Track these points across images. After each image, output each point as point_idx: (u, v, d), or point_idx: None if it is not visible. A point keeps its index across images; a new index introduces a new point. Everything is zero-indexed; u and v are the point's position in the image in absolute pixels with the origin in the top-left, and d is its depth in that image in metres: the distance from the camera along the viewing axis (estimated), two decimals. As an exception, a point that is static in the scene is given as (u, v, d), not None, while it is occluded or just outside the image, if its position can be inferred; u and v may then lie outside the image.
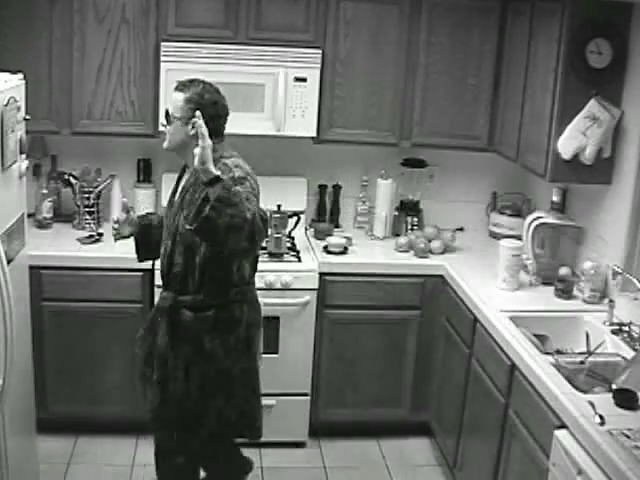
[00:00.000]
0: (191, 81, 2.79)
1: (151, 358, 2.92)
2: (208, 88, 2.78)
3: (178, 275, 2.84)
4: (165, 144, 2.86)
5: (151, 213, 3.28)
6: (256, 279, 3.02)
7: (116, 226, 3.07)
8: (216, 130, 2.75)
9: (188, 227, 2.65)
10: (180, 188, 2.90)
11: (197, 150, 2.48)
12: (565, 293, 3.43)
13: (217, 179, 2.48)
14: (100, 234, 3.90)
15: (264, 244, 3.72)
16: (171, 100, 2.80)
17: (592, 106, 3.26)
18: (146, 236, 3.09)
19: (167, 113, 2.80)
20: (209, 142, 2.49)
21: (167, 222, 2.91)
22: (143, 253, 3.15)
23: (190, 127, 2.68)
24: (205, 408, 2.88)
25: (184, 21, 3.72)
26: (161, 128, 2.79)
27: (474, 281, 3.58)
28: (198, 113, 2.56)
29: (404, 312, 3.88)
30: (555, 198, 3.77)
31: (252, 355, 2.97)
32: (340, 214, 4.32)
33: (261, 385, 3.07)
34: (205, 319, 2.83)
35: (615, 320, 3.13)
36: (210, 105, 2.75)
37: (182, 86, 2.78)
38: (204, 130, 2.50)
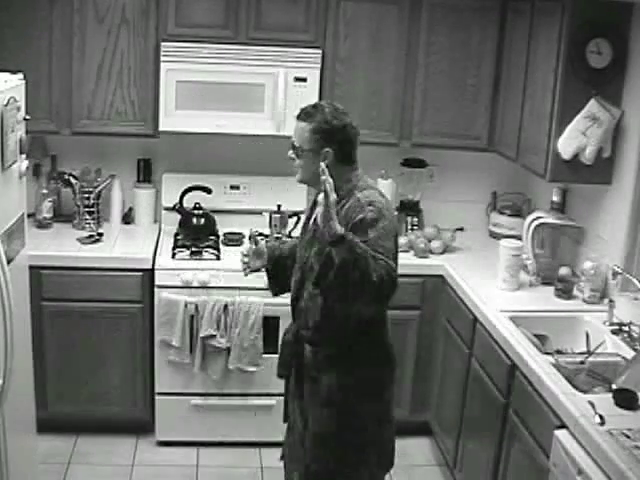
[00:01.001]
0: (314, 107, 2.56)
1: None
2: (334, 112, 2.53)
3: (303, 309, 2.64)
4: (298, 177, 2.62)
5: (281, 240, 3.03)
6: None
7: (246, 260, 2.84)
8: (347, 156, 2.56)
9: (313, 291, 2.54)
10: (313, 218, 2.64)
11: (319, 209, 2.27)
12: (565, 293, 3.43)
13: (342, 238, 2.26)
14: (100, 234, 3.90)
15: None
16: (295, 130, 2.57)
17: (592, 106, 3.27)
18: (278, 267, 2.85)
19: (294, 146, 2.56)
20: (334, 198, 2.26)
21: (299, 252, 2.70)
22: (276, 286, 2.90)
23: (322, 157, 2.48)
24: (320, 461, 2.64)
25: (184, 21, 3.72)
26: (290, 158, 2.60)
27: (474, 281, 3.58)
28: (323, 165, 2.31)
29: (404, 312, 3.86)
30: (555, 198, 3.77)
31: (381, 403, 2.68)
32: (340, 214, 4.32)
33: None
34: (321, 354, 2.60)
35: (615, 320, 3.13)
36: (339, 131, 2.52)
37: (305, 115, 2.54)
38: (329, 186, 2.25)
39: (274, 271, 2.86)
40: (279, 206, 3.87)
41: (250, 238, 2.85)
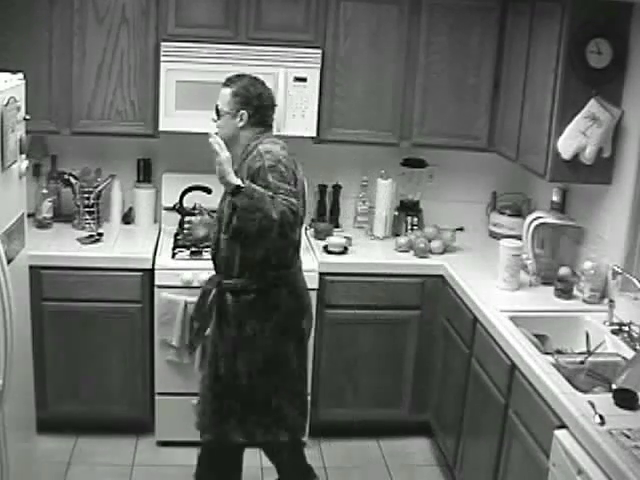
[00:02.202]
0: (238, 76, 2.97)
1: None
2: (253, 81, 2.95)
3: (223, 260, 2.94)
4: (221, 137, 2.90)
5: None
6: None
7: (195, 225, 3.29)
8: (262, 120, 2.94)
9: (224, 237, 2.90)
10: None
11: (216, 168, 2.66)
12: (565, 293, 3.43)
13: (238, 188, 2.64)
14: (100, 234, 3.90)
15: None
16: (220, 95, 2.94)
17: (592, 106, 3.27)
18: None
19: (217, 108, 2.94)
20: (226, 155, 2.67)
21: (218, 210, 3.02)
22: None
23: (238, 120, 2.90)
24: (253, 395, 2.95)
25: (184, 21, 3.72)
26: (211, 123, 2.95)
27: (474, 281, 3.58)
28: (212, 132, 2.76)
29: (404, 312, 3.88)
30: (555, 198, 3.77)
31: (292, 344, 2.98)
32: (340, 214, 4.32)
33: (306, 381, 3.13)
34: (244, 303, 2.91)
35: (615, 320, 3.13)
36: (255, 97, 2.92)
37: (229, 81, 2.95)
38: (217, 146, 2.68)
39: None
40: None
41: (199, 208, 3.25)
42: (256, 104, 2.92)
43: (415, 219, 4.23)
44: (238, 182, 2.66)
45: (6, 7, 3.55)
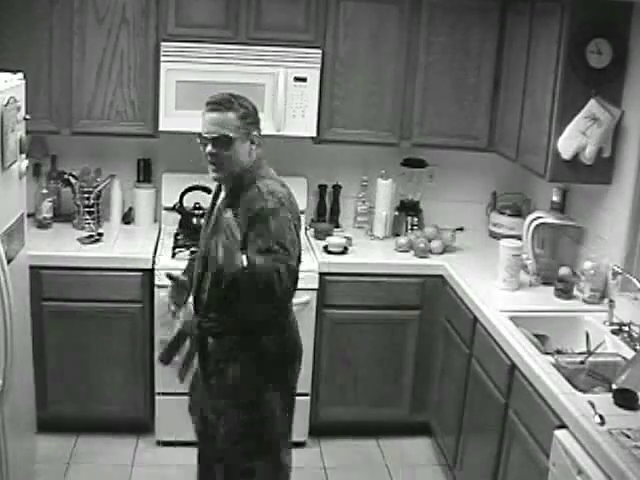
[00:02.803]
0: (231, 95, 2.63)
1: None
2: (245, 98, 2.66)
3: (204, 301, 2.67)
4: (224, 172, 2.63)
5: (192, 259, 2.99)
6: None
7: (172, 307, 2.79)
8: (258, 138, 2.67)
9: (209, 279, 2.62)
10: (215, 210, 2.75)
11: (220, 247, 2.40)
12: (565, 293, 3.43)
13: (244, 269, 2.39)
14: (100, 234, 3.90)
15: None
16: (216, 122, 2.60)
17: (592, 106, 3.26)
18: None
19: (217, 138, 2.59)
20: (237, 239, 2.40)
21: (201, 242, 2.76)
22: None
23: (249, 143, 2.61)
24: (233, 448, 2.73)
25: (184, 21, 3.72)
26: (209, 156, 2.64)
27: (474, 281, 3.58)
28: (229, 213, 2.44)
29: (404, 312, 3.88)
30: (555, 198, 3.77)
31: (285, 393, 2.74)
32: (340, 214, 4.32)
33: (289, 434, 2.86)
34: (226, 346, 2.65)
35: (615, 320, 3.13)
36: (255, 115, 2.65)
37: (228, 104, 2.60)
38: (233, 229, 2.39)
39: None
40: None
41: (169, 277, 2.79)
42: (255, 120, 2.65)
43: (415, 219, 4.23)
44: (244, 263, 2.39)
45: (6, 7, 3.55)
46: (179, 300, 2.79)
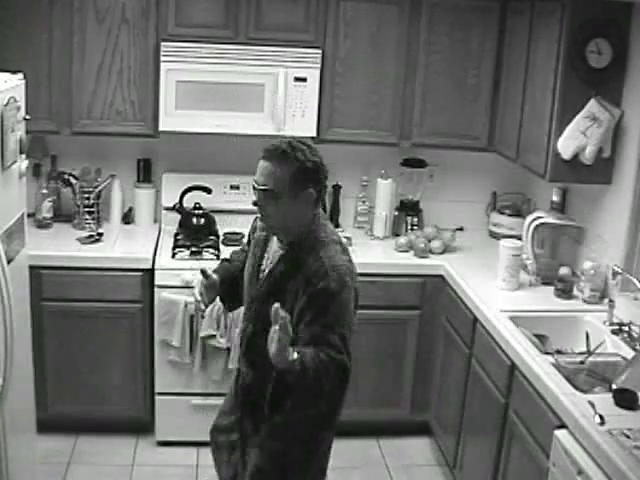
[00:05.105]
0: (289, 144, 2.33)
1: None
2: (311, 150, 2.35)
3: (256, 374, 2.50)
4: (266, 225, 2.45)
5: (226, 259, 2.86)
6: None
7: (202, 306, 2.64)
8: (322, 199, 2.41)
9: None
10: (267, 264, 2.50)
11: (274, 338, 2.14)
12: (565, 293, 3.43)
13: (293, 363, 2.17)
14: (100, 234, 3.90)
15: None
16: (266, 174, 2.32)
17: (592, 106, 3.27)
18: (231, 289, 2.69)
19: (266, 190, 2.32)
20: (290, 335, 2.14)
21: (247, 298, 2.54)
22: (230, 303, 2.80)
23: (304, 202, 2.33)
24: None
25: (184, 21, 3.72)
26: (259, 205, 2.38)
27: (474, 281, 3.58)
28: (277, 306, 2.13)
29: (404, 312, 3.88)
30: (555, 198, 3.77)
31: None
32: (340, 214, 4.32)
33: None
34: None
35: (615, 320, 3.13)
36: (321, 169, 2.35)
37: (283, 154, 2.31)
38: (286, 327, 2.13)
39: (227, 294, 2.72)
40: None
41: (203, 273, 2.60)
42: (321, 178, 2.34)
43: (415, 219, 4.23)
44: (295, 357, 2.16)
45: (6, 7, 3.55)
46: (206, 299, 2.63)
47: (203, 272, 2.59)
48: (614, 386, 2.58)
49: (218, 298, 2.70)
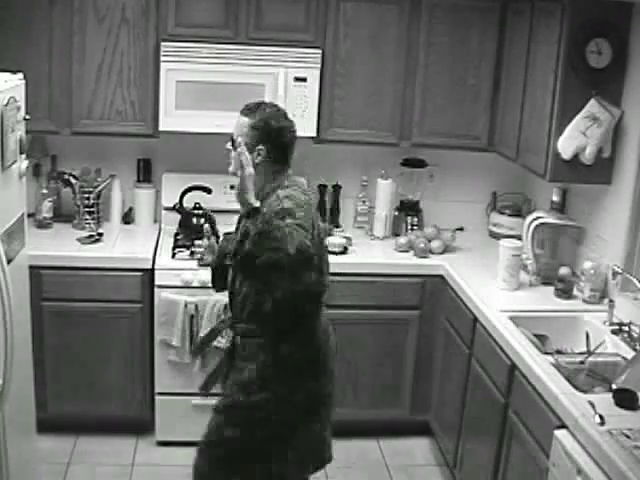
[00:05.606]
0: (258, 105, 2.65)
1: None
2: (274, 113, 2.63)
3: (238, 304, 2.70)
4: (231, 168, 2.67)
5: (228, 233, 2.98)
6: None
7: (203, 250, 2.97)
8: (280, 158, 2.64)
9: (228, 262, 2.67)
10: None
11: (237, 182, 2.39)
12: (565, 293, 3.44)
13: (256, 210, 2.33)
14: (100, 234, 3.90)
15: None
16: (236, 124, 2.65)
17: (592, 106, 3.27)
18: (224, 266, 2.84)
19: (232, 139, 2.64)
20: (250, 171, 2.36)
21: (232, 248, 2.72)
22: (219, 284, 2.92)
23: (255, 154, 2.58)
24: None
25: (184, 21, 3.72)
26: (225, 151, 2.67)
27: (474, 281, 3.58)
28: (241, 141, 2.49)
29: (404, 312, 3.88)
30: (555, 198, 3.77)
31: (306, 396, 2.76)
32: (340, 214, 4.32)
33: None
34: (252, 345, 2.67)
35: (615, 320, 3.13)
36: (275, 131, 2.61)
37: (248, 110, 2.64)
38: (244, 159, 2.37)
39: (219, 269, 2.86)
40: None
41: (206, 232, 2.93)
42: (275, 139, 2.61)
43: (415, 219, 4.23)
44: (257, 204, 2.36)
45: (6, 7, 3.55)
46: (207, 257, 2.94)
47: (206, 231, 2.94)
48: (614, 386, 2.58)
49: (210, 271, 2.91)
